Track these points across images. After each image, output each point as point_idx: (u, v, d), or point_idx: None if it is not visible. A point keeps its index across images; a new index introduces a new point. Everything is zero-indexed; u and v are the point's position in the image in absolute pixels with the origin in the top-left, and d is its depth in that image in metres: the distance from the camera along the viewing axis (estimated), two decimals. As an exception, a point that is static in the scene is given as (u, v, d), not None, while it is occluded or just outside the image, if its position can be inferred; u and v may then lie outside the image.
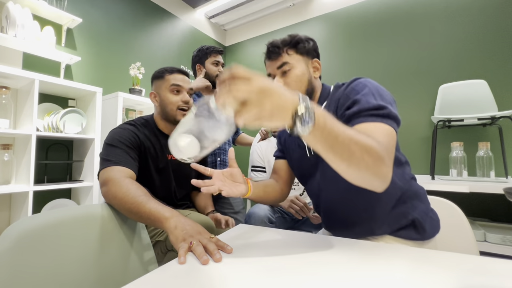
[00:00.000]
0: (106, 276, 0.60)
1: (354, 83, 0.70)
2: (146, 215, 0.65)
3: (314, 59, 0.79)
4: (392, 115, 0.61)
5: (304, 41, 0.77)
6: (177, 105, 1.01)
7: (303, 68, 0.76)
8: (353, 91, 0.68)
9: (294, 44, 0.77)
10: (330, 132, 0.45)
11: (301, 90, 0.75)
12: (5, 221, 1.54)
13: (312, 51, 0.79)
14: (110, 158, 0.82)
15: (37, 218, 0.53)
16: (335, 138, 0.45)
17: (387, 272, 0.44)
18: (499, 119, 1.63)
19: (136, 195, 0.68)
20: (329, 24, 2.67)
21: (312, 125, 0.42)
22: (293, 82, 0.75)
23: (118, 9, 2.22)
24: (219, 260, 0.49)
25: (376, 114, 0.61)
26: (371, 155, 0.49)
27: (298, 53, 0.77)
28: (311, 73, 0.78)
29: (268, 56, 0.79)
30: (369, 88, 0.66)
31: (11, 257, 0.45)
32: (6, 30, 1.49)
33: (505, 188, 0.70)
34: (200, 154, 0.51)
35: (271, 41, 0.79)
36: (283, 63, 0.76)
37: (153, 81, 1.08)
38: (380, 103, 0.62)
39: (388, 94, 0.67)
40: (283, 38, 0.78)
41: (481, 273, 0.43)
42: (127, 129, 0.94)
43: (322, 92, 0.80)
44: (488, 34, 1.90)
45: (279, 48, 0.76)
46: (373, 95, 0.64)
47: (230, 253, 0.53)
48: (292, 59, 0.76)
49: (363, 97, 0.64)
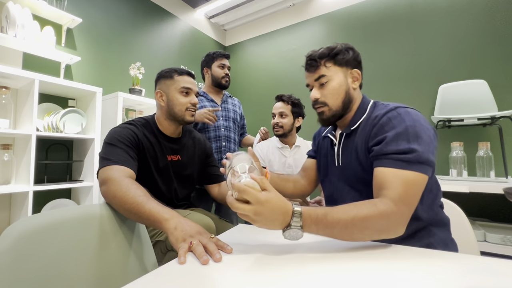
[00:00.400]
0: (106, 276, 0.60)
1: (393, 113, 0.67)
2: (145, 216, 0.64)
3: (354, 69, 0.78)
4: (423, 160, 0.59)
5: (343, 52, 0.76)
6: (186, 107, 1.02)
7: (340, 79, 0.76)
8: (388, 125, 0.66)
9: (332, 56, 0.76)
10: (324, 229, 0.53)
11: (338, 101, 0.76)
12: (5, 221, 1.54)
13: (352, 61, 0.78)
14: (109, 157, 0.81)
15: (37, 218, 0.53)
16: (331, 231, 0.54)
17: (388, 272, 0.44)
18: (499, 119, 1.63)
19: (135, 195, 0.68)
20: (329, 24, 2.67)
21: (302, 233, 0.53)
22: (329, 94, 0.76)
23: (118, 9, 2.22)
24: (219, 260, 0.50)
25: (403, 159, 0.59)
26: (374, 228, 0.54)
27: (337, 65, 0.76)
28: (349, 84, 0.78)
29: (306, 68, 0.81)
30: (406, 125, 0.63)
31: (11, 257, 0.45)
32: (6, 30, 1.49)
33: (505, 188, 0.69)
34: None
35: (310, 53, 0.79)
36: (320, 75, 0.77)
37: (159, 80, 1.07)
38: (411, 146, 0.60)
39: (427, 130, 0.64)
40: (322, 50, 0.77)
41: (481, 273, 0.43)
42: (126, 128, 0.94)
43: (360, 106, 0.79)
44: (488, 34, 1.90)
45: (317, 61, 0.77)
46: (408, 134, 0.62)
47: (230, 253, 0.54)
48: (329, 71, 0.76)
49: (395, 135, 0.62)
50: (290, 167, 1.60)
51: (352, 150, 0.74)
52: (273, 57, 3.04)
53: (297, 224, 0.52)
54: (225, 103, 1.75)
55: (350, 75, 0.78)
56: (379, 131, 0.67)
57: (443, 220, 0.72)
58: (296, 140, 1.66)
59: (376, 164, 0.64)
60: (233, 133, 1.69)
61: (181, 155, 1.08)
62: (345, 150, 0.78)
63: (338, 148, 0.80)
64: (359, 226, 0.53)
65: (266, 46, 3.12)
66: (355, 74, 0.78)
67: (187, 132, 1.15)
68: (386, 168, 0.61)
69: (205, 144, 1.20)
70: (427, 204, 0.68)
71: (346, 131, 0.78)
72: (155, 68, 2.47)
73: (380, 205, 0.55)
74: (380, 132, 0.66)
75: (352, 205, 0.56)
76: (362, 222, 0.53)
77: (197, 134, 1.21)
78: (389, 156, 0.61)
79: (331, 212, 0.54)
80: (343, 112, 0.78)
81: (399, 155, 0.60)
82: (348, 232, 0.53)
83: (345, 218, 0.53)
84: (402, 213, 0.56)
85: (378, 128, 0.67)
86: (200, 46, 3.08)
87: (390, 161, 0.61)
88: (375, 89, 2.24)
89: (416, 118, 0.65)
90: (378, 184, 0.61)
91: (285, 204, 0.52)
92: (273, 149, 1.65)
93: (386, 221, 0.54)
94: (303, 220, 0.52)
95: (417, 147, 0.59)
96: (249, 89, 3.20)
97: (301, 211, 0.52)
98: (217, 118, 1.61)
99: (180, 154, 1.08)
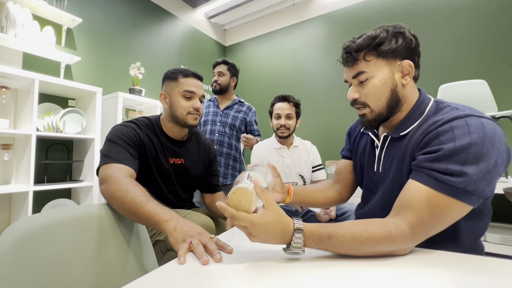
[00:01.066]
0: (106, 276, 0.60)
1: (459, 122, 0.52)
2: (144, 217, 0.63)
3: (405, 61, 0.61)
4: (470, 189, 0.47)
5: (389, 40, 0.60)
6: (187, 111, 0.99)
7: (384, 76, 0.61)
8: (447, 134, 0.52)
9: (374, 47, 0.61)
10: (327, 249, 0.50)
11: (381, 102, 0.63)
12: (5, 221, 1.54)
13: (402, 50, 0.61)
14: (110, 155, 0.81)
15: (37, 218, 0.53)
16: (334, 250, 0.50)
17: (388, 272, 0.44)
18: (499, 119, 1.63)
19: (135, 195, 0.67)
20: (329, 24, 2.67)
21: (303, 251, 0.49)
22: (370, 94, 0.63)
23: (118, 9, 2.22)
24: (219, 260, 0.49)
25: (446, 182, 0.49)
26: (381, 252, 0.49)
27: (380, 57, 0.61)
28: (396, 79, 0.62)
29: (343, 62, 0.67)
30: (470, 141, 0.49)
31: (11, 257, 0.45)
32: (6, 30, 1.49)
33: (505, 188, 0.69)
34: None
35: (347, 44, 0.65)
36: (358, 72, 0.63)
37: (164, 81, 1.05)
38: (464, 169, 0.48)
39: (497, 153, 0.49)
40: (361, 40, 0.62)
41: (481, 273, 0.43)
42: (129, 127, 0.93)
43: (415, 106, 0.63)
44: (488, 34, 1.90)
45: (355, 54, 0.63)
46: (468, 153, 0.48)
47: (230, 253, 0.53)
48: (370, 67, 0.62)
49: (451, 151, 0.49)
50: (288, 168, 1.60)
51: (397, 158, 0.62)
52: (273, 57, 3.04)
53: (298, 245, 0.48)
54: (229, 109, 1.80)
55: (398, 68, 0.62)
56: (432, 141, 0.54)
57: (477, 248, 0.62)
58: (294, 140, 1.66)
59: (414, 176, 0.54)
60: (227, 138, 1.75)
61: (184, 159, 1.05)
62: (388, 155, 0.66)
63: (380, 152, 0.68)
64: (365, 251, 0.49)
65: (266, 46, 3.12)
66: (406, 67, 0.62)
67: (193, 135, 1.13)
68: (422, 185, 0.51)
69: (209, 149, 1.17)
70: (475, 232, 0.60)
71: (394, 135, 0.65)
72: (155, 68, 2.47)
73: (394, 231, 0.49)
74: (434, 142, 0.53)
75: (362, 228, 0.49)
76: (370, 248, 0.49)
77: (203, 138, 1.18)
78: (432, 173, 0.51)
79: (336, 235, 0.48)
80: (388, 115, 0.64)
81: (444, 175, 0.49)
82: (352, 253, 0.50)
83: (350, 243, 0.48)
84: (416, 238, 0.50)
85: (432, 137, 0.54)
86: (200, 46, 3.09)
87: (431, 179, 0.50)
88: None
89: (489, 134, 0.49)
90: (403, 199, 0.53)
91: (284, 224, 0.48)
92: (271, 149, 1.65)
93: (397, 247, 0.49)
94: (304, 240, 0.48)
95: (471, 171, 0.47)
96: (249, 89, 3.20)
97: (303, 231, 0.48)
98: (215, 123, 1.74)
99: (184, 158, 1.05)
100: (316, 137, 2.39)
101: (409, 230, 0.49)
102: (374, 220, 0.52)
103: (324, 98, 2.65)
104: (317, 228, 0.49)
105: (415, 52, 0.63)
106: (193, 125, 1.02)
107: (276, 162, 1.62)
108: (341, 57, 0.67)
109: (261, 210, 0.49)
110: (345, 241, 0.48)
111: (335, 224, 0.51)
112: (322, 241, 0.49)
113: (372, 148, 0.73)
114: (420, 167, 0.53)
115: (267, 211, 0.48)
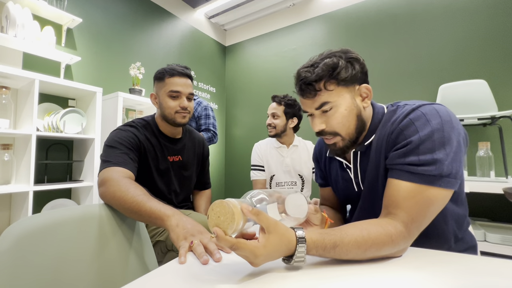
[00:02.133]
0: (106, 276, 0.60)
1: (416, 114, 0.55)
2: (147, 214, 0.64)
3: (363, 85, 0.62)
4: (446, 173, 0.50)
5: (346, 67, 0.60)
6: (175, 110, 1.00)
7: (348, 103, 0.61)
8: (409, 128, 0.55)
9: (334, 76, 0.59)
10: (332, 256, 0.48)
11: (350, 129, 0.63)
12: (5, 221, 1.54)
13: (359, 75, 0.61)
14: (108, 159, 0.82)
15: (37, 218, 0.53)
16: (333, 255, 0.47)
17: (388, 272, 0.44)
18: (499, 119, 1.63)
19: (135, 194, 0.67)
20: (329, 24, 2.67)
21: (304, 263, 0.46)
22: (339, 124, 0.62)
23: (118, 9, 2.22)
24: (219, 260, 0.50)
25: (423, 173, 0.51)
26: (382, 254, 0.49)
27: (341, 85, 0.60)
28: (358, 104, 0.62)
29: (301, 94, 0.64)
30: (431, 129, 0.52)
31: (11, 257, 0.45)
32: (6, 30, 1.49)
33: (505, 188, 0.69)
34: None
35: (302, 75, 0.62)
36: (322, 103, 0.61)
37: (154, 81, 1.07)
38: (434, 156, 0.50)
39: (458, 134, 0.53)
40: (319, 70, 0.60)
41: (481, 273, 0.43)
42: (127, 131, 0.94)
43: (372, 121, 0.65)
44: (488, 34, 1.90)
45: (314, 85, 0.60)
46: (433, 141, 0.51)
47: (230, 253, 0.54)
48: (333, 96, 0.60)
49: (417, 142, 0.53)
50: (288, 167, 1.61)
51: (371, 168, 0.63)
52: (273, 57, 3.04)
53: (300, 258, 0.45)
54: None
55: (357, 92, 0.62)
56: (398, 137, 0.56)
57: (470, 243, 0.65)
58: (294, 140, 1.66)
59: (391, 175, 0.55)
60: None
61: (182, 156, 1.08)
62: (361, 170, 0.67)
63: (355, 170, 0.68)
64: (369, 257, 0.49)
65: (266, 46, 3.12)
66: (365, 90, 0.63)
67: (187, 132, 1.16)
68: (401, 182, 0.53)
69: (203, 145, 1.21)
70: (464, 225, 0.62)
71: (361, 149, 0.66)
72: (155, 68, 2.44)
73: (393, 232, 0.49)
74: (400, 138, 0.56)
75: (366, 233, 0.48)
76: (374, 253, 0.48)
77: (197, 134, 1.21)
78: (406, 167, 0.53)
79: (341, 243, 0.47)
80: (357, 139, 0.65)
81: (417, 167, 0.51)
82: (356, 258, 0.49)
83: (356, 251, 0.47)
84: (412, 236, 0.51)
85: (397, 133, 0.57)
86: (200, 46, 3.09)
87: (407, 174, 0.52)
88: (374, 90, 2.23)
89: (446, 118, 0.53)
90: (389, 199, 0.54)
91: (287, 242, 0.44)
92: (271, 149, 1.66)
93: (397, 248, 0.50)
94: (307, 250, 0.46)
95: (441, 156, 0.50)
96: (249, 89, 3.20)
97: (306, 242, 0.45)
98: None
99: (181, 155, 1.08)
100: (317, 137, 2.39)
101: (405, 230, 0.50)
102: (373, 223, 0.51)
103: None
104: (321, 237, 0.46)
105: (367, 76, 0.64)
106: (182, 124, 1.03)
107: (276, 161, 1.63)
108: (298, 88, 0.64)
109: (262, 237, 0.43)
110: (350, 249, 0.47)
111: (336, 230, 0.49)
112: (326, 251, 0.46)
113: (343, 170, 0.73)
114: (395, 164, 0.55)
115: (269, 235, 0.43)
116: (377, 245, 0.48)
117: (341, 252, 0.47)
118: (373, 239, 0.48)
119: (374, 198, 0.64)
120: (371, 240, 0.48)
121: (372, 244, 0.48)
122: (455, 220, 0.61)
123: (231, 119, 3.34)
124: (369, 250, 0.48)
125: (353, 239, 0.47)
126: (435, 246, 0.55)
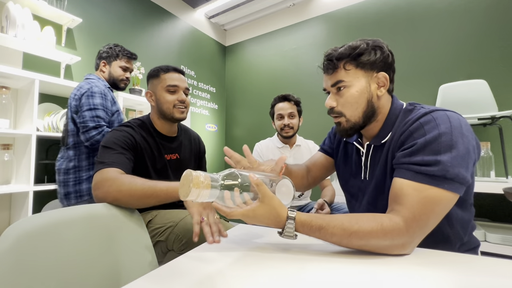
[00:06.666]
0: (106, 276, 0.60)
1: (427, 118, 0.57)
2: (163, 192, 0.70)
3: (380, 73, 0.64)
4: (450, 175, 0.50)
5: (369, 51, 0.63)
6: (173, 104, 1.01)
7: (361, 86, 0.64)
8: (418, 131, 0.56)
9: (354, 57, 0.63)
10: (318, 237, 0.52)
11: (357, 112, 0.65)
12: (5, 221, 1.54)
13: (380, 63, 0.64)
14: (103, 160, 0.81)
15: (37, 218, 0.53)
16: (318, 236, 0.52)
17: (387, 272, 0.44)
18: (499, 119, 1.63)
19: (143, 181, 0.72)
20: (329, 24, 2.67)
21: (295, 237, 0.53)
22: (347, 103, 0.65)
23: (118, 9, 2.22)
24: (218, 241, 0.61)
25: (425, 172, 0.52)
26: (374, 247, 0.50)
27: (359, 68, 0.63)
28: (372, 91, 0.64)
29: (323, 69, 0.69)
30: (439, 132, 0.53)
31: (11, 257, 0.45)
32: (6, 30, 1.49)
33: (505, 188, 0.69)
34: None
35: (328, 51, 0.67)
36: (337, 81, 0.65)
37: (148, 80, 1.08)
38: (437, 157, 0.51)
39: (467, 140, 0.53)
40: (343, 49, 0.64)
41: (481, 273, 0.43)
42: (122, 131, 0.93)
43: (390, 115, 0.66)
44: (488, 34, 1.90)
45: (335, 62, 0.64)
46: (439, 143, 0.52)
47: (225, 236, 0.64)
48: (349, 76, 0.64)
49: (424, 143, 0.53)
50: None
51: (380, 163, 0.65)
52: (273, 57, 3.04)
53: (289, 232, 0.52)
54: None
55: (374, 79, 0.64)
56: (407, 139, 0.58)
57: (472, 244, 0.66)
58: (296, 139, 1.66)
59: (396, 174, 0.57)
60: None
61: (179, 153, 1.08)
62: (372, 163, 0.69)
63: (366, 160, 0.70)
64: (357, 244, 0.50)
65: (266, 46, 3.12)
66: (382, 79, 0.64)
67: (182, 130, 1.16)
68: (405, 180, 0.53)
69: (199, 143, 1.22)
70: (469, 229, 0.64)
71: (376, 143, 0.67)
72: (155, 68, 2.46)
73: (387, 223, 0.49)
74: (409, 140, 0.57)
75: (354, 219, 0.51)
76: (361, 240, 0.49)
77: (192, 133, 1.22)
78: (410, 167, 0.54)
79: (327, 226, 0.51)
80: (364, 124, 0.67)
81: (421, 166, 0.52)
82: (343, 244, 0.52)
83: (340, 235, 0.50)
84: (411, 234, 0.49)
85: (407, 135, 0.58)
86: (200, 46, 3.09)
87: (411, 173, 0.53)
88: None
89: (456, 124, 0.54)
90: (393, 197, 0.55)
91: (277, 215, 0.52)
92: (273, 149, 1.65)
93: (390, 241, 0.49)
94: (296, 228, 0.52)
95: (445, 158, 0.51)
96: (249, 89, 3.20)
97: (295, 220, 0.52)
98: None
99: (178, 152, 1.08)
100: (318, 137, 2.39)
101: (402, 224, 0.49)
102: (368, 214, 0.54)
103: (325, 97, 2.64)
104: (309, 219, 0.52)
105: (391, 67, 0.66)
106: (181, 119, 1.04)
107: None
108: (322, 64, 0.69)
109: (256, 203, 0.51)
110: (335, 232, 0.50)
111: (329, 215, 0.54)
112: (312, 231, 0.52)
113: (358, 156, 0.75)
114: (399, 164, 0.57)
115: (262, 204, 0.51)
116: (362, 231, 0.49)
117: (326, 234, 0.51)
118: (360, 224, 0.50)
119: (377, 194, 0.66)
120: (357, 225, 0.50)
121: (357, 230, 0.49)
122: (461, 225, 0.61)
123: (231, 119, 3.34)
124: (354, 235, 0.49)
125: (340, 223, 0.51)
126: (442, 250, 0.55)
